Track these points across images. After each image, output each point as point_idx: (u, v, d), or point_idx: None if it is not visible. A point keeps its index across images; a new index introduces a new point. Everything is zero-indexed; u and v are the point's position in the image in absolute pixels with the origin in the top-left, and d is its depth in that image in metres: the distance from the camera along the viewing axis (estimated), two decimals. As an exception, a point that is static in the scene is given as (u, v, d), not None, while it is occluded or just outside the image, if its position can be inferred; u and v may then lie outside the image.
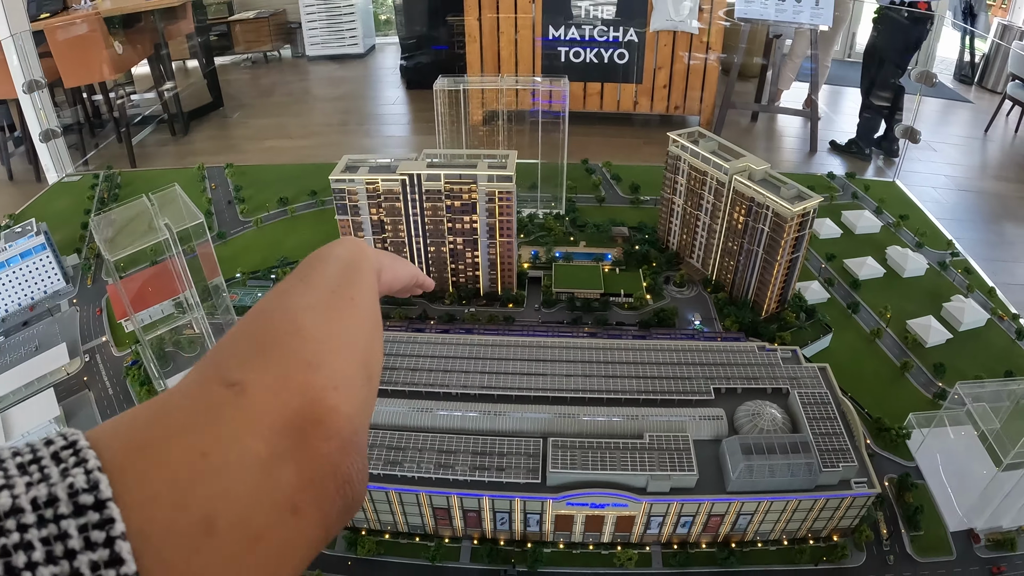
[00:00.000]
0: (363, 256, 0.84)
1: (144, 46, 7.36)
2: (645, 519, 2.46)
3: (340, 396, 0.53)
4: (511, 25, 6.39)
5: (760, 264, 3.20)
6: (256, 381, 0.49)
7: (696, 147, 3.41)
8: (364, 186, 3.18)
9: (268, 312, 0.62)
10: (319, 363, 0.55)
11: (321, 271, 0.74)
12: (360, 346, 0.63)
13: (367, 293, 0.74)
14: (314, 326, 0.60)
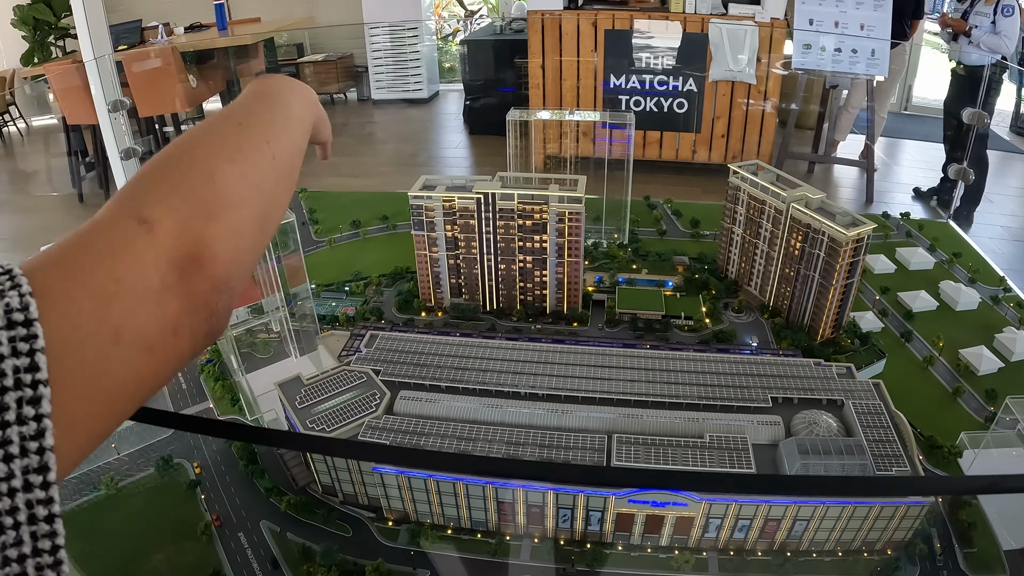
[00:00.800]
0: (311, 112, 0.89)
1: (216, 82, 7.64)
2: (704, 520, 2.55)
3: (225, 246, 0.62)
4: (574, 72, 6.58)
5: (816, 289, 3.31)
6: (163, 221, 0.58)
7: (755, 177, 3.55)
8: (441, 203, 3.35)
9: (192, 150, 0.69)
10: (218, 214, 0.63)
11: (262, 119, 0.78)
12: (264, 200, 0.71)
13: (294, 151, 0.80)
14: (227, 178, 0.67)
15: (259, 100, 0.82)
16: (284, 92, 0.85)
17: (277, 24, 8.76)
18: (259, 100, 0.82)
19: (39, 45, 10.63)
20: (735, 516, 2.51)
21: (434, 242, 3.47)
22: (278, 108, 0.81)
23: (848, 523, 2.54)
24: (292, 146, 0.80)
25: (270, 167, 0.73)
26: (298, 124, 0.83)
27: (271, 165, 0.73)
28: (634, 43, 6.38)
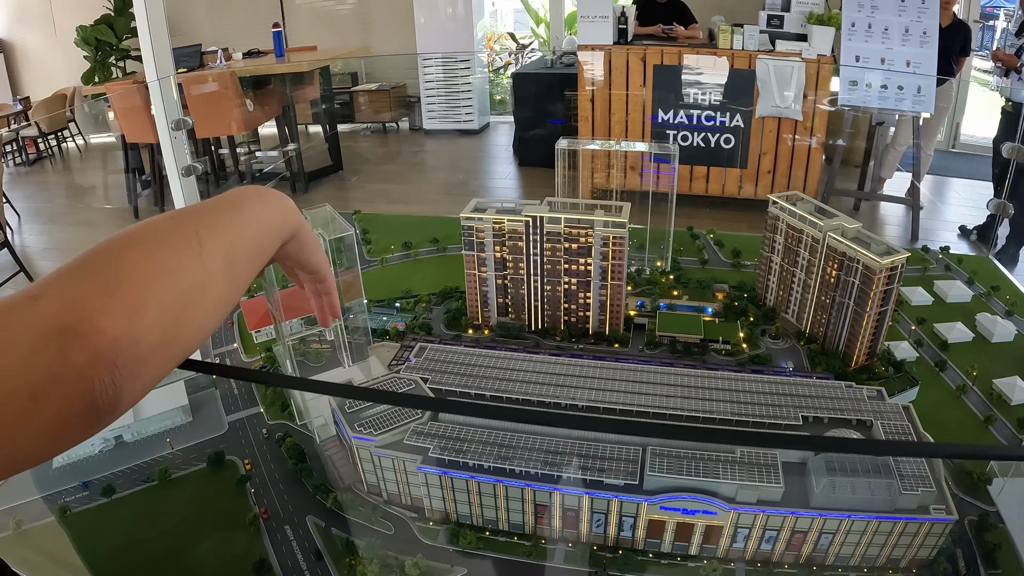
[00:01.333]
0: (281, 220, 0.86)
1: (272, 107, 7.84)
2: (732, 530, 2.65)
3: (116, 322, 0.58)
4: (623, 106, 6.72)
5: (850, 316, 3.41)
6: (51, 294, 0.57)
7: (794, 207, 3.66)
8: (491, 225, 3.50)
9: (114, 238, 0.66)
10: (114, 291, 0.60)
11: (200, 213, 0.75)
12: (182, 288, 0.66)
13: (237, 252, 0.76)
14: (135, 259, 0.64)
15: (212, 200, 0.79)
16: (247, 196, 0.82)
17: (333, 52, 9.00)
18: (212, 200, 0.79)
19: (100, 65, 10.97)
20: (762, 527, 2.61)
21: (483, 262, 3.62)
22: (228, 207, 0.78)
23: (873, 538, 2.63)
24: (234, 245, 0.75)
25: (195, 257, 0.69)
26: (252, 225, 0.80)
27: (196, 255, 0.69)
28: (682, 78, 6.50)
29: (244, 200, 0.81)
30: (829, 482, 2.57)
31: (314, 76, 8.25)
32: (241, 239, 0.77)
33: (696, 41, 7.02)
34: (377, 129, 10.36)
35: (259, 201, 0.83)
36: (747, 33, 6.26)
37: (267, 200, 0.84)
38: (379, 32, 10.74)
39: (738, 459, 2.69)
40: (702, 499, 2.60)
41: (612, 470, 2.65)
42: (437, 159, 9.40)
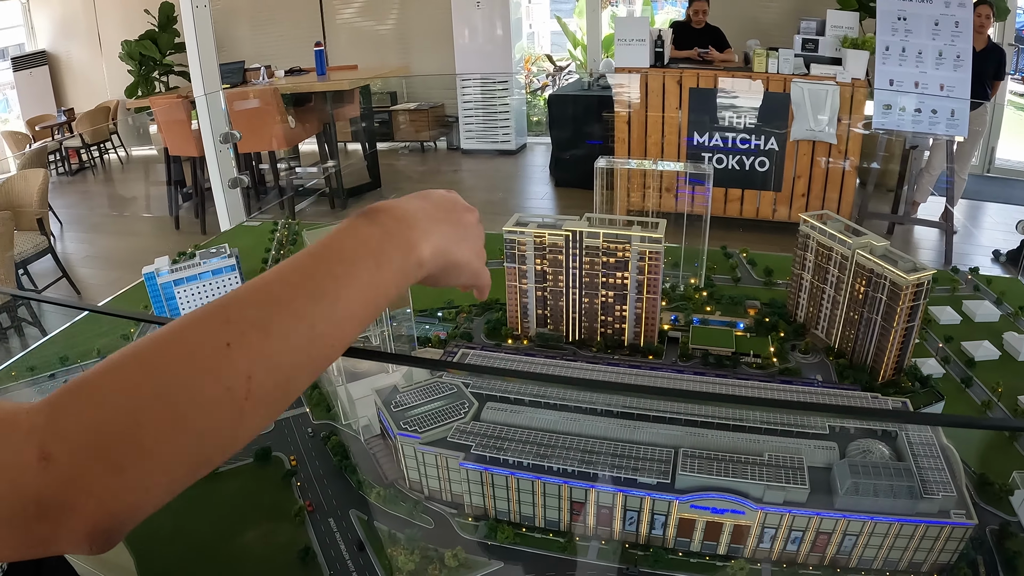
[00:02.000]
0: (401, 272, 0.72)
1: (313, 124, 8.01)
2: (759, 530, 2.77)
3: (124, 502, 0.53)
4: (659, 128, 6.85)
5: (878, 331, 3.52)
6: (62, 464, 0.51)
7: (824, 226, 3.78)
8: (532, 238, 3.65)
9: (144, 368, 0.56)
10: (127, 470, 0.53)
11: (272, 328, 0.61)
12: (208, 448, 0.58)
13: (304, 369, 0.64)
14: (158, 423, 0.54)
15: (302, 279, 0.65)
16: (357, 256, 0.68)
17: (373, 72, 9.18)
18: (302, 279, 0.65)
19: (143, 79, 11.25)
20: (788, 527, 2.72)
21: (524, 275, 3.76)
22: (315, 303, 0.63)
23: (895, 541, 2.73)
24: (298, 366, 0.63)
25: (235, 413, 0.58)
26: (348, 310, 0.66)
27: (238, 408, 0.58)
28: (718, 101, 6.62)
29: (349, 271, 0.67)
30: (853, 484, 2.68)
31: (354, 95, 8.44)
32: (320, 345, 0.64)
33: (732, 65, 7.14)
34: (415, 148, 10.54)
35: (374, 267, 0.69)
36: (782, 57, 6.37)
37: (387, 258, 0.70)
38: (419, 52, 10.94)
39: (766, 461, 2.80)
40: (731, 498, 2.72)
41: (645, 469, 2.77)
42: (475, 178, 9.56)
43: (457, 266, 0.81)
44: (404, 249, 0.72)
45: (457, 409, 3.01)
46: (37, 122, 12.42)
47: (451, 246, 0.79)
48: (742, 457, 2.84)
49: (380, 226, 0.71)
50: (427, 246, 0.74)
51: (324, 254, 0.67)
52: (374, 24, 11.21)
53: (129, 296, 4.52)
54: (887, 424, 3.04)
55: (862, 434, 3.05)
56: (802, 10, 7.94)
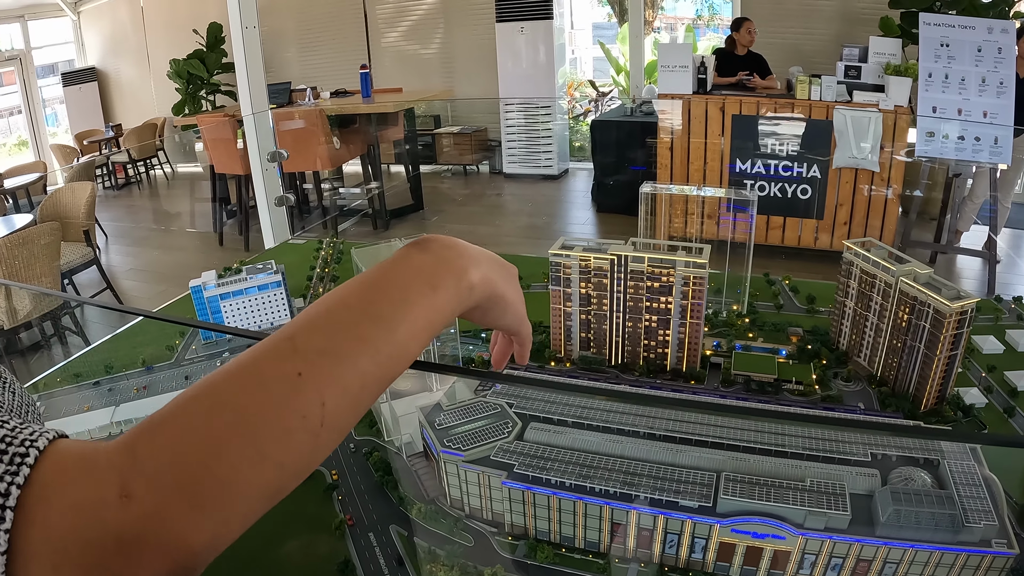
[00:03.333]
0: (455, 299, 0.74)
1: (357, 146, 8.12)
2: (799, 556, 2.78)
3: (205, 537, 0.53)
4: (701, 154, 6.87)
5: (921, 359, 3.52)
6: (144, 500, 0.51)
7: (868, 253, 3.79)
8: (578, 262, 3.70)
9: (224, 403, 0.57)
10: (202, 505, 0.53)
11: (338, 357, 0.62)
12: (285, 477, 0.58)
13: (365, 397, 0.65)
14: (238, 461, 0.55)
15: (363, 306, 0.67)
16: (413, 288, 0.70)
17: (418, 95, 9.28)
18: (363, 306, 0.67)
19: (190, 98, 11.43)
20: (829, 553, 2.73)
21: (568, 297, 3.80)
22: (378, 328, 0.65)
23: (935, 570, 2.74)
24: (366, 390, 0.65)
25: (309, 439, 0.59)
26: (403, 347, 0.67)
27: (312, 436, 0.59)
28: (760, 128, 6.64)
29: (406, 297, 0.69)
30: (895, 511, 2.69)
31: (399, 117, 8.54)
32: (385, 367, 0.66)
33: (774, 91, 7.17)
34: (458, 171, 10.62)
35: (429, 290, 0.71)
36: (824, 84, 6.39)
37: (441, 282, 0.72)
38: (463, 76, 11.04)
39: (807, 487, 2.82)
40: (772, 523, 2.74)
41: (687, 492, 2.80)
42: (517, 202, 9.61)
43: (504, 301, 0.82)
44: (456, 274, 0.74)
45: (500, 429, 3.05)
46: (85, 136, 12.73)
47: (499, 279, 0.80)
48: (784, 482, 2.85)
49: (432, 254, 0.74)
50: (476, 273, 0.76)
51: (380, 281, 0.70)
52: (419, 48, 11.34)
53: (174, 308, 4.59)
54: (929, 452, 3.04)
55: (904, 462, 3.06)
56: (845, 37, 7.95)
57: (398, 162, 9.77)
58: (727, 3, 13.15)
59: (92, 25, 13.93)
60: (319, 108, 7.74)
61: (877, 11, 7.76)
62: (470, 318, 0.82)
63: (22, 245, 5.05)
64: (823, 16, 8.66)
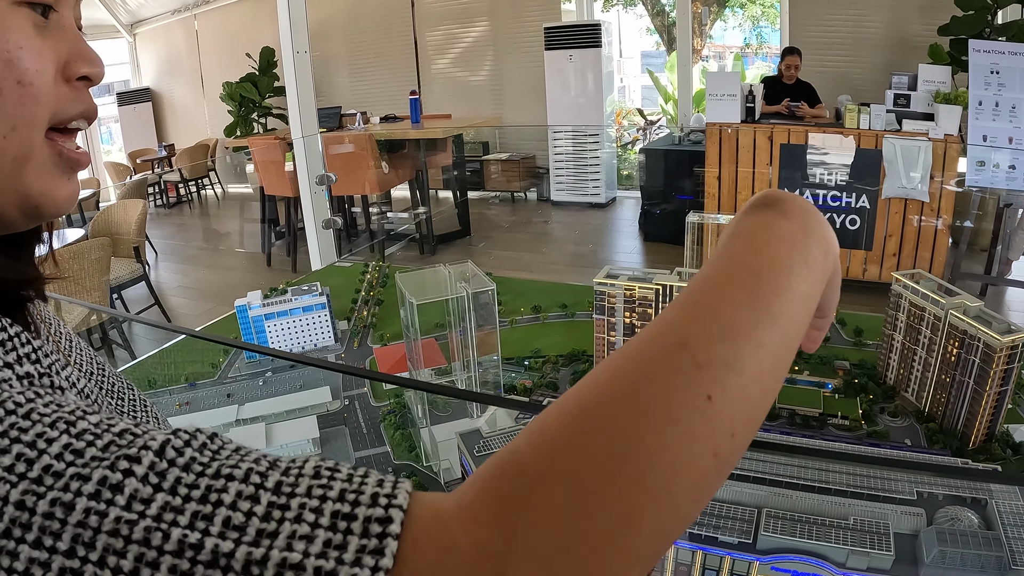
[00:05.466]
0: (825, 270, 0.59)
1: (406, 171, 8.17)
2: (843, 595, 2.74)
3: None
4: (749, 184, 6.82)
5: (970, 395, 3.45)
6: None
7: (917, 285, 3.74)
8: (623, 291, 3.68)
9: (617, 464, 0.41)
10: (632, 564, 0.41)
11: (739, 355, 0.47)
12: (678, 532, 0.44)
13: (764, 407, 0.51)
14: (651, 523, 0.41)
15: (740, 293, 0.51)
16: (792, 269, 0.55)
17: (466, 121, 9.30)
18: (740, 293, 0.51)
19: (242, 120, 11.56)
20: (873, 593, 2.69)
21: (612, 327, 3.79)
22: (775, 330, 0.51)
23: (982, 612, 2.68)
24: (762, 409, 0.50)
25: (716, 480, 0.46)
26: (787, 345, 0.52)
27: (719, 475, 0.46)
28: (809, 158, 6.58)
29: (789, 284, 0.54)
30: (940, 552, 2.63)
31: (447, 143, 8.58)
32: (779, 377, 0.52)
33: (823, 120, 7.12)
34: (506, 198, 10.64)
35: (807, 272, 0.56)
36: (873, 112, 6.32)
37: (813, 259, 0.57)
38: (511, 103, 11.08)
39: (850, 525, 2.77)
40: (813, 562, 2.69)
41: (727, 528, 2.76)
42: (564, 230, 9.59)
43: (837, 275, 0.64)
44: (823, 246, 0.59)
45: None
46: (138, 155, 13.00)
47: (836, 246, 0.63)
48: (826, 520, 2.81)
49: (796, 220, 0.58)
50: (835, 242, 0.61)
51: (756, 264, 0.54)
52: (468, 75, 11.41)
53: (219, 327, 4.66)
54: (977, 491, 2.98)
55: (951, 501, 2.99)
56: (894, 64, 7.88)
57: (446, 188, 9.80)
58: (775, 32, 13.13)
59: (147, 47, 14.23)
60: (368, 133, 7.79)
61: (926, 39, 7.68)
62: None
63: (73, 259, 5.13)
64: (871, 44, 8.59)
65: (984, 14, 7.05)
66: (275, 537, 0.39)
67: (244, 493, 0.40)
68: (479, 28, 11.08)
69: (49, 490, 0.39)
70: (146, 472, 0.40)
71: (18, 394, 0.45)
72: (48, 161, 0.61)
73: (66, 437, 0.42)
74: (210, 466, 0.42)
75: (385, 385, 3.88)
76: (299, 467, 0.43)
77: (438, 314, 3.47)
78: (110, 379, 0.86)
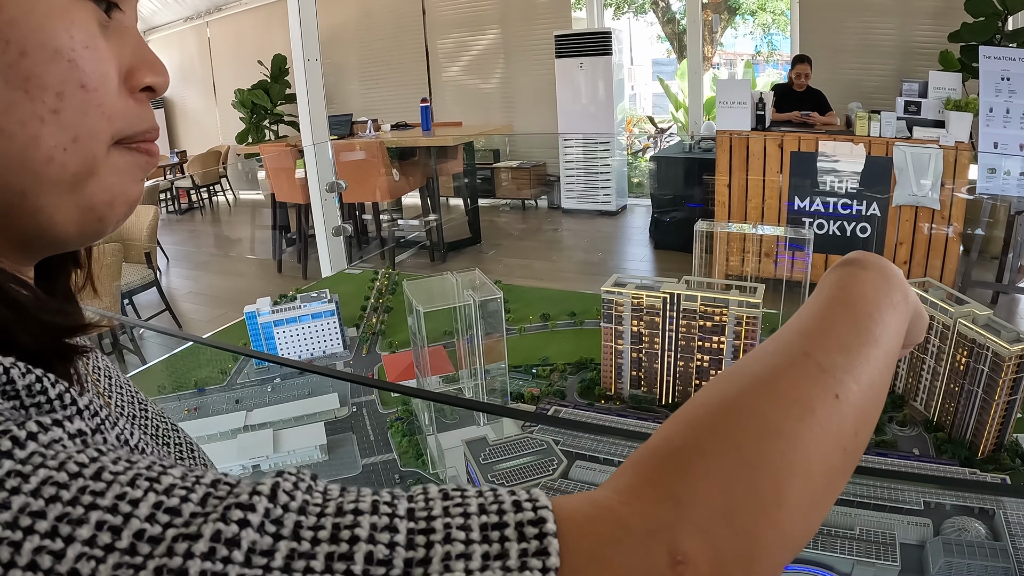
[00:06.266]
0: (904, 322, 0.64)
1: (416, 178, 8.18)
2: (853, 607, 2.72)
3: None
4: (759, 192, 6.81)
5: (978, 404, 3.44)
6: (698, 563, 0.39)
7: (926, 294, 3.73)
8: (630, 299, 3.68)
9: (756, 427, 0.45)
10: (760, 558, 0.42)
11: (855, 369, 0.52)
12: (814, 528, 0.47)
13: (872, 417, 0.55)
14: (796, 498, 0.44)
15: (855, 328, 0.57)
16: (881, 306, 0.60)
17: (477, 129, 9.31)
18: (855, 328, 0.57)
19: (254, 127, 11.59)
20: (881, 603, 2.68)
21: (620, 335, 3.79)
22: (878, 350, 0.56)
23: (992, 623, 2.67)
24: (871, 411, 0.54)
25: (845, 475, 0.50)
26: (890, 372, 0.57)
27: (846, 471, 0.50)
28: (819, 165, 6.57)
29: (879, 315, 0.59)
30: (946, 563, 2.62)
31: (458, 151, 8.59)
32: (883, 389, 0.56)
33: (833, 128, 7.10)
34: (516, 205, 10.65)
35: (890, 307, 0.61)
36: (884, 120, 6.30)
37: (896, 298, 0.63)
38: (522, 111, 11.08)
39: (857, 535, 2.76)
40: (819, 572, 2.68)
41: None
42: (574, 238, 9.59)
43: (921, 317, 0.71)
44: (903, 290, 0.65)
45: (546, 465, 3.04)
46: (151, 161, 13.00)
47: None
48: (832, 530, 2.80)
49: (875, 271, 0.65)
50: (911, 290, 0.67)
51: (851, 299, 0.60)
52: (479, 82, 11.41)
53: (229, 333, 4.68)
54: (985, 501, 2.96)
55: (958, 511, 2.98)
56: (904, 71, 7.87)
57: (456, 195, 9.80)
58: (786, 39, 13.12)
59: (160, 53, 13.77)
60: (379, 140, 7.80)
61: (936, 45, 7.66)
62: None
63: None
64: (882, 51, 8.57)
65: (995, 20, 7.04)
66: (428, 564, 0.36)
67: (379, 525, 0.38)
68: (490, 36, 11.09)
69: (148, 559, 0.33)
70: (262, 521, 0.36)
71: (78, 453, 0.37)
72: (122, 164, 0.55)
73: (153, 496, 0.36)
74: (327, 505, 0.39)
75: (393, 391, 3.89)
76: (424, 492, 0.42)
77: (446, 321, 3.48)
78: (154, 421, 0.77)
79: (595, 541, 0.39)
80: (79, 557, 0.33)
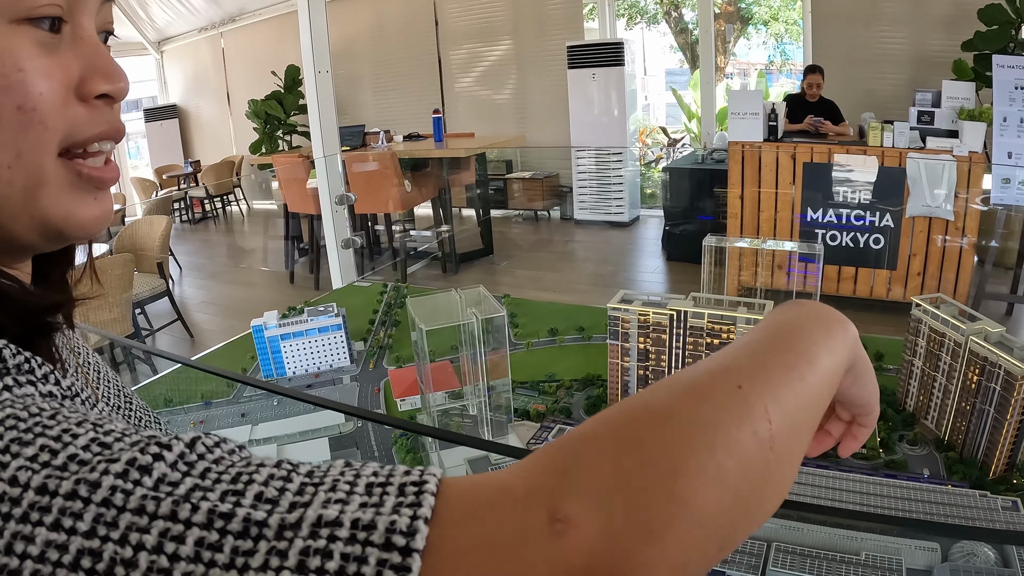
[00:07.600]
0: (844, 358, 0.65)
1: (429, 189, 8.17)
2: (859, 632, 2.68)
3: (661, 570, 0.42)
4: (771, 203, 6.76)
5: (990, 423, 3.39)
6: (582, 525, 0.41)
7: (937, 310, 3.68)
8: (636, 316, 3.65)
9: (663, 421, 0.47)
10: (661, 535, 0.42)
11: (768, 375, 0.54)
12: (739, 513, 0.47)
13: (801, 427, 0.55)
14: (694, 481, 0.44)
15: (773, 340, 0.60)
16: (810, 327, 0.62)
17: (490, 140, 9.30)
18: (773, 340, 0.60)
19: (267, 137, 11.62)
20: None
21: (626, 352, 3.75)
22: (797, 357, 0.58)
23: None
24: (800, 421, 0.55)
25: (762, 460, 0.49)
26: (821, 385, 0.59)
27: (764, 458, 0.49)
28: (832, 177, 6.52)
29: (812, 338, 0.61)
30: (955, 590, 2.57)
31: (470, 162, 8.60)
32: (808, 417, 0.57)
33: (846, 138, 7.06)
34: (529, 217, 10.62)
35: (825, 332, 0.63)
36: (897, 130, 6.25)
37: (832, 326, 0.65)
38: (535, 122, 11.06)
39: (863, 561, 2.71)
40: (824, 596, 2.64)
41: (734, 562, 2.71)
42: (586, 250, 9.55)
43: (868, 368, 0.72)
44: (841, 322, 0.66)
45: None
46: (164, 171, 13.19)
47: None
48: (837, 555, 2.75)
49: (808, 307, 0.67)
50: (850, 327, 0.67)
51: (774, 327, 0.62)
52: (492, 93, 11.40)
53: (238, 345, 4.67)
54: (994, 526, 2.91)
55: (967, 534, 2.93)
56: (917, 81, 7.80)
57: (469, 206, 9.77)
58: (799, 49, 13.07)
59: (174, 64, 14.38)
60: (392, 151, 7.80)
61: (950, 54, 7.61)
62: (841, 384, 0.68)
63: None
64: (895, 60, 8.51)
65: (1008, 29, 6.98)
66: (309, 505, 0.40)
67: (276, 475, 0.42)
68: (502, 47, 11.08)
69: (73, 474, 0.40)
70: (176, 459, 0.41)
71: (42, 403, 0.45)
72: (66, 183, 0.58)
73: (93, 432, 0.43)
74: (240, 462, 0.43)
75: (400, 407, 3.87)
76: (332, 463, 0.46)
77: (451, 337, 3.46)
78: (137, 413, 0.85)
79: (474, 501, 0.43)
80: (19, 468, 0.39)
